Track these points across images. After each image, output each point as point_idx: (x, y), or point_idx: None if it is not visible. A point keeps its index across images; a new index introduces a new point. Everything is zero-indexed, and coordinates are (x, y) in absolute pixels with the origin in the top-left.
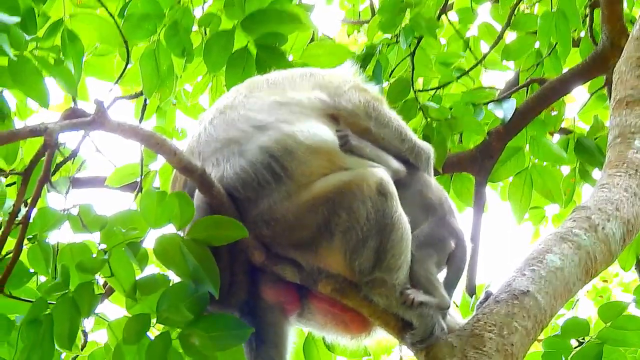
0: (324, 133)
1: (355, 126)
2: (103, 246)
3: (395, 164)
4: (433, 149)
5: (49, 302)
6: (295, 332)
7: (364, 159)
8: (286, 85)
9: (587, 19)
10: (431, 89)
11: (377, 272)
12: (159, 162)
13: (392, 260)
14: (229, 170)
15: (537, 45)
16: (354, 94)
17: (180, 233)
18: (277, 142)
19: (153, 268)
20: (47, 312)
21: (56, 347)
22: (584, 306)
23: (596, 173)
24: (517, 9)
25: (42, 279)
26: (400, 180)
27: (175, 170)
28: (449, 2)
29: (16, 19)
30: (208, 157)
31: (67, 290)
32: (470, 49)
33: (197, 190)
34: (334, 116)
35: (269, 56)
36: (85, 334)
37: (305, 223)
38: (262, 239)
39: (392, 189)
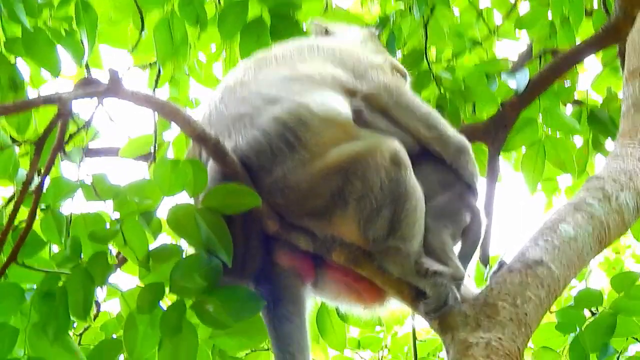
0: (339, 104)
1: (374, 104)
2: (116, 215)
3: (410, 139)
4: (469, 144)
5: (62, 272)
6: (311, 298)
7: (379, 132)
8: (296, 59)
9: None
10: (445, 60)
11: (391, 241)
12: (173, 132)
13: (406, 229)
14: (241, 142)
15: (550, 16)
16: (375, 73)
17: (193, 203)
18: (290, 112)
19: (165, 237)
20: (60, 284)
21: (70, 317)
22: (596, 278)
23: (609, 144)
24: None
25: (55, 248)
26: (420, 154)
27: (190, 141)
28: None
29: None
30: (220, 132)
31: (80, 261)
32: (483, 20)
33: (210, 160)
34: (351, 91)
35: (284, 25)
36: (97, 304)
37: (319, 191)
38: (276, 208)
39: (406, 158)
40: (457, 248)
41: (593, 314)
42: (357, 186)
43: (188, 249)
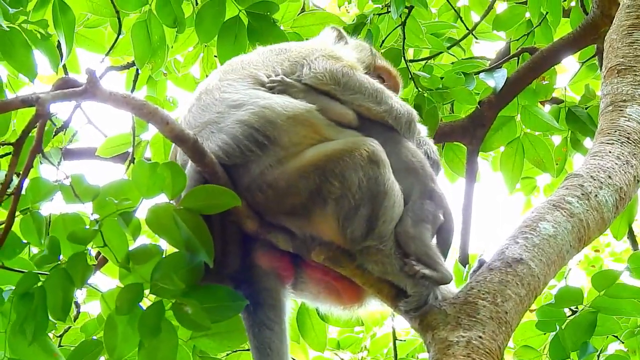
0: (300, 104)
1: (320, 89)
2: (95, 216)
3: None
4: (415, 112)
5: (41, 273)
6: (291, 300)
7: (349, 130)
8: (260, 64)
9: None
10: (422, 59)
11: (370, 240)
12: (151, 132)
13: (383, 227)
14: (211, 146)
15: (527, 15)
16: (320, 62)
17: (173, 203)
18: (254, 114)
19: (145, 239)
20: (39, 285)
21: (50, 318)
22: (576, 276)
23: (587, 142)
24: None
25: (35, 250)
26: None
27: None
28: None
29: None
30: None
31: (59, 262)
32: (461, 19)
33: (190, 161)
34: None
35: (261, 25)
36: (77, 305)
37: (297, 189)
38: (255, 207)
39: (384, 157)
40: None
41: (573, 312)
42: (335, 185)
43: (168, 250)
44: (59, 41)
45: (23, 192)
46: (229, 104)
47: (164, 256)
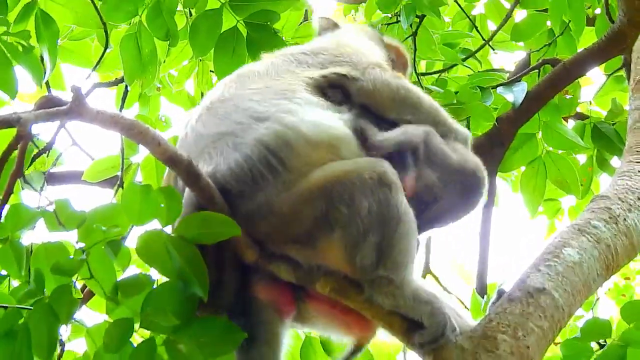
0: (330, 122)
1: (373, 101)
2: (81, 245)
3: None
4: (470, 134)
5: (23, 307)
6: (290, 333)
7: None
8: (283, 69)
9: None
10: (435, 72)
11: (381, 270)
12: (142, 154)
13: (397, 257)
14: (222, 165)
15: (549, 23)
16: (372, 73)
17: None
18: (276, 134)
19: (135, 269)
20: (21, 322)
21: (33, 357)
22: (605, 306)
23: (615, 161)
24: None
25: (15, 283)
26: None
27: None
28: None
29: None
30: (197, 155)
31: (42, 296)
32: (476, 29)
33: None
34: (348, 91)
35: (261, 36)
36: (62, 343)
37: (302, 215)
38: (256, 235)
39: (396, 179)
40: None
41: (601, 346)
42: (343, 209)
43: (159, 280)
44: (42, 55)
45: (2, 219)
46: (251, 114)
47: (155, 287)
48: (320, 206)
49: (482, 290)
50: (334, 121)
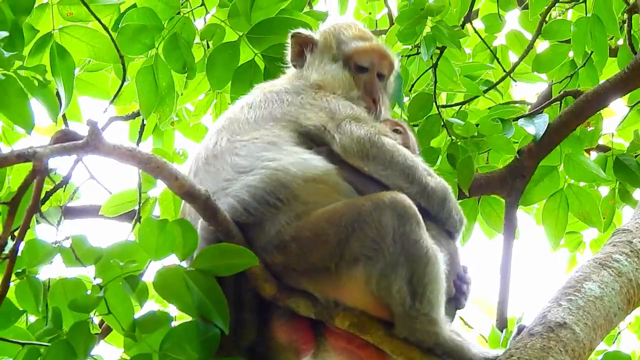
0: (318, 162)
1: (348, 158)
2: (98, 281)
3: None
4: (450, 187)
5: (41, 344)
6: None
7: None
8: (266, 119)
9: (625, 25)
10: (456, 104)
11: (419, 307)
12: (159, 188)
13: (433, 295)
14: (224, 207)
15: (571, 54)
16: (346, 127)
17: (183, 265)
18: (266, 177)
19: (153, 304)
20: (40, 359)
21: None
22: (627, 340)
23: (637, 193)
24: (548, 15)
25: (32, 318)
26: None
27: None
28: (474, 9)
29: (4, 34)
30: None
31: (60, 332)
32: (497, 60)
33: (200, 219)
34: (326, 144)
35: (279, 69)
36: None
37: (326, 238)
38: (273, 268)
39: (417, 212)
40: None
41: None
42: (365, 237)
43: (178, 316)
44: (57, 89)
45: (19, 254)
46: (238, 170)
47: (173, 324)
48: (345, 230)
49: (502, 323)
50: (318, 160)
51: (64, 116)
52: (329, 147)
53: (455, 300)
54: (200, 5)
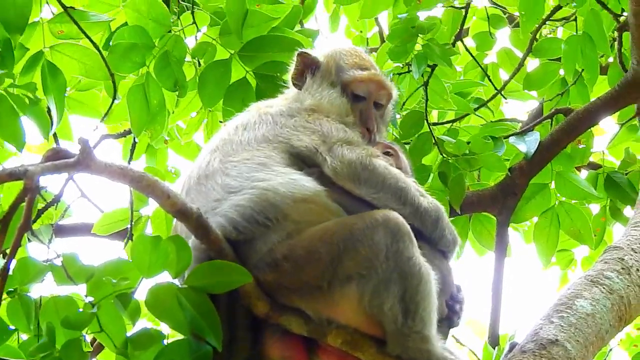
0: (307, 182)
1: (339, 181)
2: (90, 299)
3: None
4: (443, 207)
5: None
6: None
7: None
8: (258, 140)
9: (616, 43)
10: (447, 122)
11: (411, 324)
12: (151, 206)
13: (425, 312)
14: (214, 225)
15: (561, 72)
16: (338, 150)
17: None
18: (255, 196)
19: (145, 322)
20: None
21: None
22: (618, 357)
23: (628, 211)
24: (539, 33)
25: (24, 336)
26: None
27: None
28: (465, 27)
29: None
30: None
31: (52, 349)
32: (488, 78)
33: (192, 237)
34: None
35: (270, 87)
36: None
37: (318, 256)
38: (266, 286)
39: (409, 231)
40: None
41: None
42: (358, 255)
43: (171, 334)
44: (48, 107)
45: (10, 273)
46: (228, 190)
47: (166, 342)
48: (337, 248)
49: (494, 341)
50: (308, 183)
51: (55, 134)
52: (320, 169)
53: (449, 320)
54: (192, 24)
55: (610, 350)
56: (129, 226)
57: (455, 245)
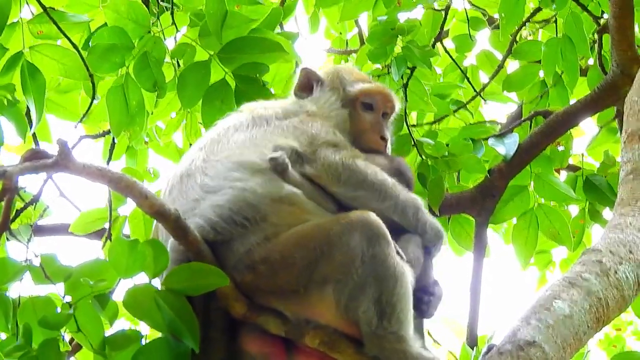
0: (285, 187)
1: (322, 183)
2: (68, 299)
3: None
4: (420, 200)
5: None
6: None
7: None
8: (245, 141)
9: (596, 45)
10: (426, 124)
11: (387, 325)
12: (129, 206)
13: (402, 313)
14: (192, 226)
15: (541, 74)
16: (321, 152)
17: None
18: (233, 196)
19: (124, 323)
20: None
21: None
22: (596, 357)
23: (607, 213)
24: (518, 35)
25: (2, 335)
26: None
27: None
28: (445, 29)
29: None
30: None
31: (29, 348)
32: (468, 80)
33: (171, 239)
34: (299, 169)
35: (250, 88)
36: None
37: (293, 261)
38: (243, 287)
39: (386, 232)
40: None
41: None
42: (334, 260)
43: (150, 334)
44: (28, 107)
45: None
46: (207, 189)
47: (144, 341)
48: (313, 253)
49: (472, 342)
50: (287, 186)
51: (34, 135)
52: (301, 169)
53: (418, 311)
54: (171, 25)
55: (588, 352)
56: (107, 225)
57: (439, 239)
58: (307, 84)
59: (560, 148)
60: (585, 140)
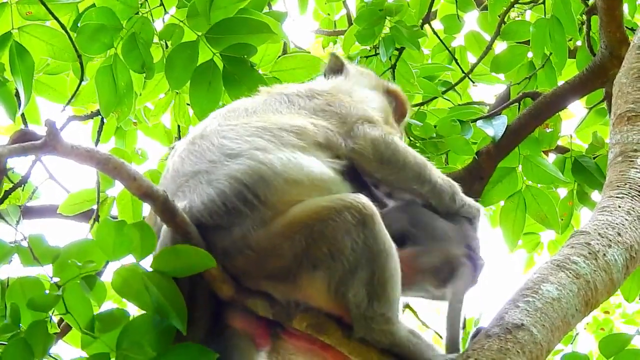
0: (314, 165)
1: (360, 161)
2: (56, 280)
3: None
4: (457, 184)
5: None
6: None
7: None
8: (272, 109)
9: (584, 26)
10: (414, 105)
11: (376, 306)
12: (117, 187)
13: (391, 293)
14: (196, 201)
15: (529, 55)
16: (360, 129)
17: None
18: (250, 168)
19: (112, 304)
20: None
21: None
22: (584, 340)
23: (595, 195)
24: (507, 16)
25: None
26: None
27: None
28: (433, 10)
29: None
30: (174, 192)
31: (18, 330)
32: (456, 61)
33: (164, 225)
34: (335, 146)
35: (238, 70)
36: None
37: (281, 252)
38: (233, 271)
39: (376, 211)
40: None
41: None
42: (324, 248)
43: (137, 313)
44: (16, 89)
45: None
46: (224, 151)
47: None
48: (300, 243)
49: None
50: (314, 163)
51: (23, 116)
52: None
53: (472, 263)
54: (159, 5)
55: (577, 334)
56: (95, 207)
57: (479, 212)
58: (338, 68)
59: (549, 130)
60: (573, 122)
